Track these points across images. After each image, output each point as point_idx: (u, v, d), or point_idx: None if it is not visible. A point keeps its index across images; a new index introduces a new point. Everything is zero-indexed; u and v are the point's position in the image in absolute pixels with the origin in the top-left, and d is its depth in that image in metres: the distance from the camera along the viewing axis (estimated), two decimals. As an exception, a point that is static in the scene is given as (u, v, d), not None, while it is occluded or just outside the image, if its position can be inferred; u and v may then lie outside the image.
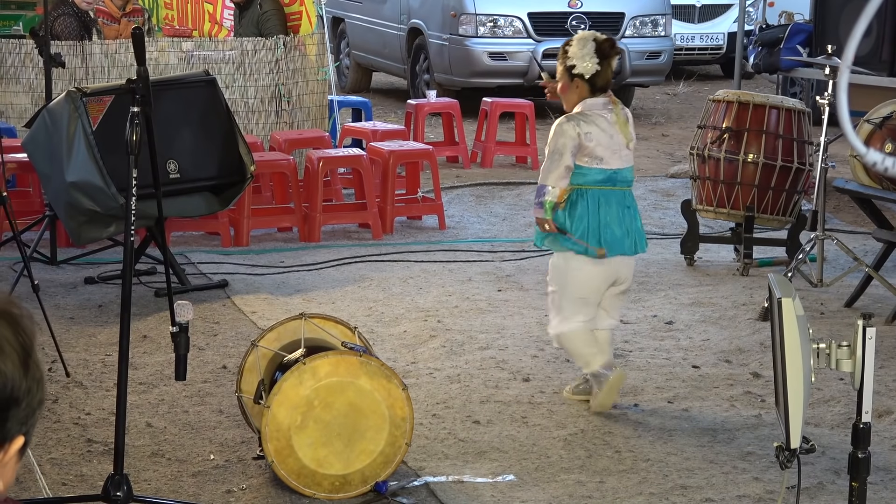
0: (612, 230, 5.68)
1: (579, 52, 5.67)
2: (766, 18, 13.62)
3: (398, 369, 6.03)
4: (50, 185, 7.64)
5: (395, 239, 9.25)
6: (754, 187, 8.22)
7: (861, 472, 3.85)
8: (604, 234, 5.68)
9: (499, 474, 5.09)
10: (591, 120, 5.66)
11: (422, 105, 12.17)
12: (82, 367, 6.30)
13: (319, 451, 4.83)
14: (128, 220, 4.49)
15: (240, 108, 10.18)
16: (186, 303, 4.67)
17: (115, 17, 10.86)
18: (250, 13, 10.90)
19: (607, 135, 5.67)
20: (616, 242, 5.69)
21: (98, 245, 8.43)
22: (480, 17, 14.58)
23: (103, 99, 7.55)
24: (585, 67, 5.67)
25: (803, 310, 3.85)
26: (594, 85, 5.70)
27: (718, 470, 5.15)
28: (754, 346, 6.73)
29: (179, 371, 4.68)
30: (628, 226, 5.73)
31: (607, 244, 5.67)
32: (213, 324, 7.08)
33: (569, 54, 5.70)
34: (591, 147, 5.65)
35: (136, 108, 4.51)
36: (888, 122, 8.26)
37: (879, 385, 6.00)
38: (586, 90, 5.71)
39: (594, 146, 5.65)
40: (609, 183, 5.71)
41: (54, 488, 4.88)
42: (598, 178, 5.70)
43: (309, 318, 5.24)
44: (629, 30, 14.94)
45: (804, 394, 3.81)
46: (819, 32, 11.24)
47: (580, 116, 5.69)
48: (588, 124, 5.65)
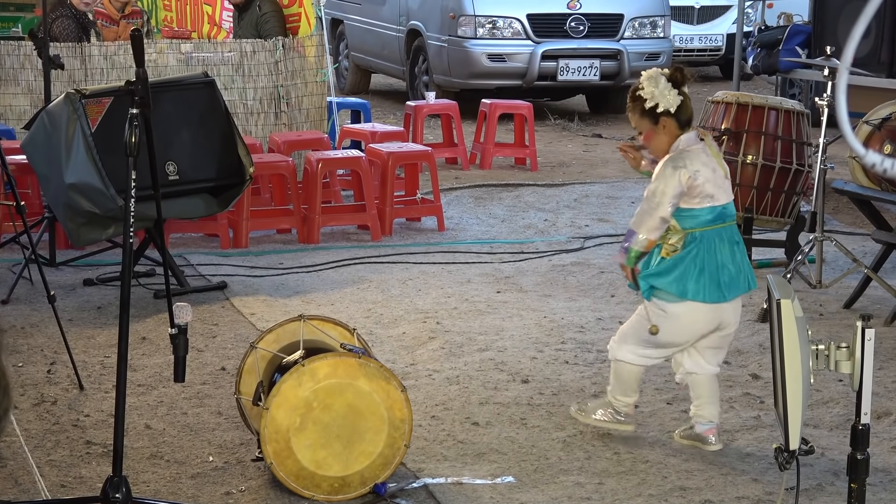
0: (728, 270, 5.30)
1: (656, 89, 5.29)
2: (765, 20, 13.62)
3: (397, 371, 6.02)
4: (49, 186, 7.64)
5: (393, 240, 9.25)
6: (753, 188, 8.22)
7: (860, 473, 3.86)
8: (721, 277, 5.28)
9: (498, 476, 5.09)
10: (695, 157, 5.24)
11: (421, 106, 12.16)
12: (81, 369, 6.29)
13: (318, 453, 4.83)
14: (127, 222, 4.49)
15: (239, 110, 10.18)
16: (185, 304, 4.67)
17: (114, 18, 10.86)
18: (249, 15, 10.90)
19: (710, 169, 5.26)
20: (732, 282, 5.30)
21: (97, 247, 8.43)
22: (479, 18, 14.58)
23: (102, 101, 7.55)
24: (669, 101, 5.28)
25: (802, 311, 3.86)
26: (680, 119, 5.33)
27: (717, 471, 5.15)
28: (753, 348, 6.73)
29: (178, 373, 4.68)
30: (739, 263, 5.35)
31: (725, 286, 5.28)
32: (211, 325, 7.08)
33: (644, 96, 5.31)
34: (701, 185, 5.21)
35: (134, 109, 4.50)
36: (887, 123, 8.26)
37: (878, 386, 6.00)
38: (675, 127, 5.30)
39: (703, 183, 5.21)
40: (720, 220, 5.31)
41: (53, 490, 4.87)
42: (710, 217, 5.27)
43: (308, 320, 5.24)
44: (628, 31, 14.94)
45: (803, 395, 3.81)
46: (818, 34, 11.24)
47: (684, 156, 5.25)
48: (693, 162, 5.22)
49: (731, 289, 5.29)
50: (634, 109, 5.37)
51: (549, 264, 8.52)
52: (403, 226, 9.68)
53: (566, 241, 9.19)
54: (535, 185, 11.04)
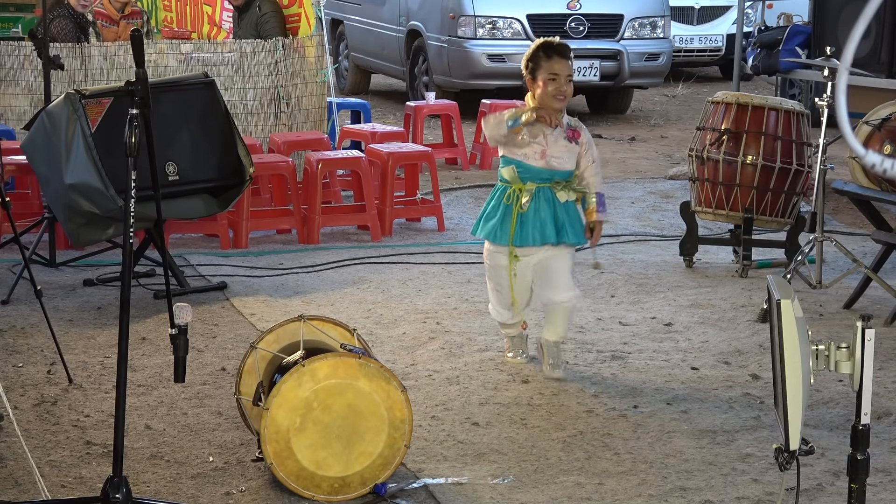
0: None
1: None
2: (765, 20, 13.62)
3: (397, 371, 6.02)
4: (49, 187, 7.64)
5: (393, 241, 9.25)
6: (753, 189, 8.22)
7: (860, 473, 3.86)
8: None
9: (498, 476, 5.09)
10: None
11: (421, 107, 12.17)
12: (81, 369, 6.30)
13: (318, 453, 4.83)
14: (126, 222, 4.49)
15: (239, 110, 10.19)
16: (185, 305, 4.67)
17: (114, 19, 10.86)
18: (249, 15, 10.90)
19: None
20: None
21: (97, 247, 8.44)
22: (479, 18, 14.59)
23: (102, 101, 7.55)
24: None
25: (802, 311, 3.86)
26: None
27: (717, 472, 5.15)
28: (753, 348, 6.73)
29: (178, 373, 4.68)
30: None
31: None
32: (212, 326, 7.08)
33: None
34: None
35: (134, 110, 4.50)
36: (887, 123, 8.26)
37: (878, 387, 6.00)
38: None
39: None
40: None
41: (53, 490, 4.87)
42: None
43: (308, 320, 5.24)
44: (628, 31, 14.94)
45: (803, 395, 3.81)
46: (818, 34, 11.24)
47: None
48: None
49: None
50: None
51: (549, 264, 8.51)
52: (403, 226, 9.68)
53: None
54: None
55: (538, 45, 6.19)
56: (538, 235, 6.15)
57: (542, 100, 6.13)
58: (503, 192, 6.25)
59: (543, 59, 6.13)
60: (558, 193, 6.16)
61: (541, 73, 6.12)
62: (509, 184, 6.22)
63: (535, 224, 6.15)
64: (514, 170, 6.18)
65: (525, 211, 6.15)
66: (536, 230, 6.15)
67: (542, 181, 6.15)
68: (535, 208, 6.15)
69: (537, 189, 6.16)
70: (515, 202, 6.17)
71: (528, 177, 6.16)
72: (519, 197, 6.16)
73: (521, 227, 6.16)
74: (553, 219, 6.15)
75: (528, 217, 6.15)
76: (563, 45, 6.22)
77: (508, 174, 6.20)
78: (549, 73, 6.11)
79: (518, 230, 6.16)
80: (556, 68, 6.12)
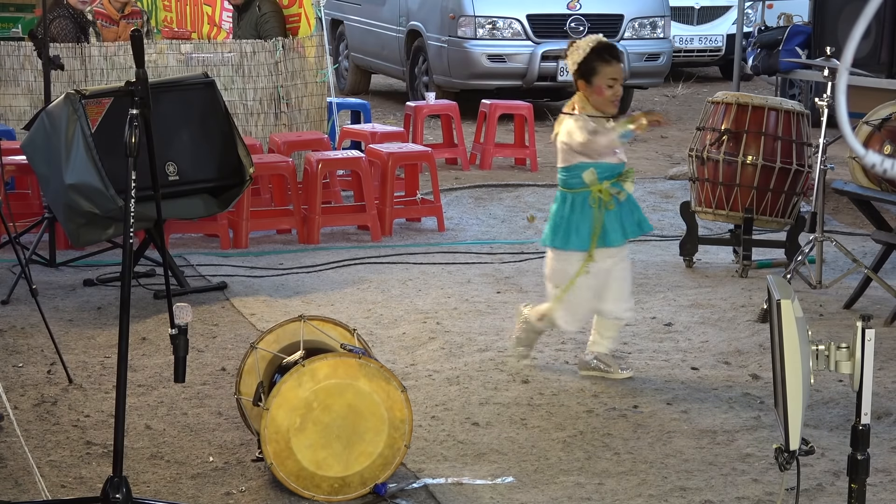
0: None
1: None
2: (765, 20, 13.61)
3: (397, 371, 6.03)
4: (49, 187, 7.64)
5: (393, 241, 9.25)
6: (753, 189, 8.22)
7: (860, 473, 3.86)
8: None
9: (498, 476, 5.09)
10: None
11: (421, 107, 12.17)
12: (81, 370, 6.30)
13: (318, 453, 4.83)
14: (126, 222, 4.49)
15: (239, 111, 10.19)
16: (185, 305, 4.67)
17: (114, 19, 10.86)
18: (249, 15, 10.90)
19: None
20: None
21: (97, 247, 8.44)
22: (479, 18, 14.59)
23: (102, 101, 7.55)
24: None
25: (802, 311, 3.86)
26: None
27: (717, 472, 5.15)
28: (753, 348, 6.73)
29: (178, 373, 4.68)
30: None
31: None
32: (212, 326, 7.08)
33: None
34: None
35: (134, 110, 4.50)
36: (887, 123, 8.26)
37: (878, 387, 6.00)
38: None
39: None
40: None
41: (53, 490, 4.88)
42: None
43: (308, 321, 5.24)
44: (628, 31, 14.94)
45: (803, 395, 3.81)
46: (818, 34, 11.24)
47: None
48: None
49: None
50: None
51: (549, 265, 8.52)
52: (403, 226, 9.69)
53: (566, 242, 9.18)
54: (535, 186, 11.04)
55: (593, 48, 6.05)
56: (619, 235, 6.12)
57: (599, 104, 6.05)
58: (584, 197, 6.10)
59: (601, 65, 6.02)
60: (626, 185, 6.09)
61: (598, 79, 6.02)
62: (586, 188, 6.08)
63: (615, 224, 6.10)
64: (594, 172, 6.06)
65: (612, 209, 6.10)
66: (617, 231, 6.11)
67: (613, 176, 6.09)
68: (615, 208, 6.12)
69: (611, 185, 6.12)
70: (600, 205, 6.08)
71: (605, 175, 6.08)
72: (601, 199, 6.05)
73: (605, 229, 6.09)
74: (622, 216, 6.14)
75: (610, 217, 6.09)
76: (616, 48, 6.17)
77: (590, 177, 6.06)
78: (608, 79, 6.03)
79: (603, 232, 6.09)
80: (615, 73, 6.05)
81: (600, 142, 5.98)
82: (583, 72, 6.06)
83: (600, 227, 6.07)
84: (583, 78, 6.07)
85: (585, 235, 6.08)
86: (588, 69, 6.04)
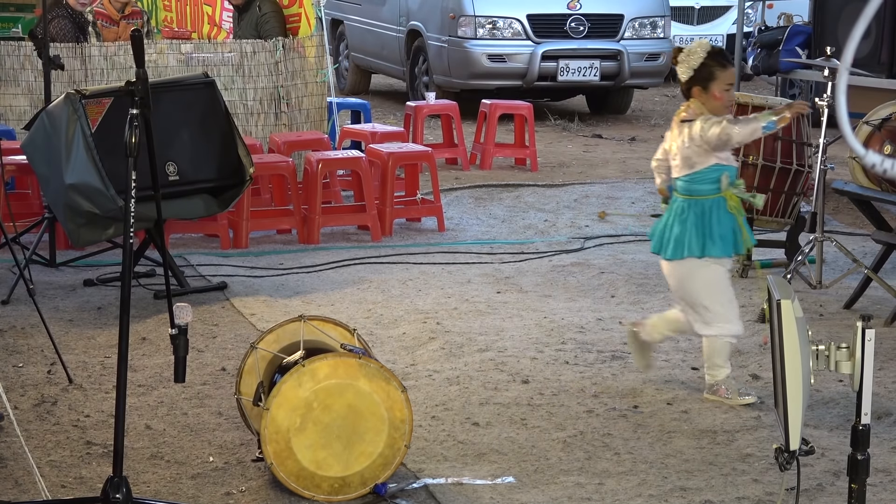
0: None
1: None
2: (765, 20, 13.62)
3: (397, 371, 6.02)
4: (49, 187, 7.64)
5: (394, 241, 9.25)
6: (753, 189, 8.21)
7: (860, 473, 3.86)
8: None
9: (498, 476, 5.09)
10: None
11: (421, 107, 12.17)
12: (81, 370, 6.30)
13: (318, 453, 4.83)
14: (127, 223, 4.49)
15: (239, 111, 10.18)
16: (185, 305, 4.67)
17: (114, 19, 10.85)
18: (249, 15, 10.90)
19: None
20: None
21: (97, 247, 8.43)
22: (479, 18, 14.59)
23: (102, 101, 7.55)
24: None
25: (802, 311, 3.86)
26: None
27: (718, 472, 5.15)
28: (753, 348, 6.73)
29: (178, 373, 4.68)
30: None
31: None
32: (212, 326, 7.08)
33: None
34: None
35: (135, 110, 4.50)
36: (887, 123, 8.27)
37: (878, 387, 6.00)
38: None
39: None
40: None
41: (53, 490, 4.88)
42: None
43: (308, 321, 5.24)
44: (628, 31, 14.94)
45: (803, 395, 3.81)
46: (818, 34, 11.24)
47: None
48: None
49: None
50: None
51: (549, 265, 8.52)
52: (403, 226, 9.68)
53: (566, 242, 9.19)
54: (535, 186, 11.04)
55: (708, 52, 5.93)
56: (736, 245, 6.03)
57: (716, 109, 5.94)
58: (713, 203, 5.97)
59: (719, 70, 5.91)
60: (739, 188, 6.02)
61: (716, 84, 5.90)
62: (717, 193, 5.95)
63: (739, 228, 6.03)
64: (728, 175, 5.97)
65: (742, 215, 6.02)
66: (738, 239, 6.02)
67: (733, 180, 6.01)
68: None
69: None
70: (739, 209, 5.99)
71: (732, 179, 6.04)
72: (740, 201, 5.98)
73: (736, 233, 5.99)
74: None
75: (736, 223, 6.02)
76: (727, 53, 6.14)
77: (726, 181, 5.96)
78: (725, 84, 5.93)
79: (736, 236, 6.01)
80: (730, 78, 5.97)
81: (742, 130, 5.84)
82: (699, 77, 5.92)
83: (743, 228, 5.97)
84: (699, 84, 5.92)
85: (729, 240, 5.94)
86: (705, 74, 5.91)
